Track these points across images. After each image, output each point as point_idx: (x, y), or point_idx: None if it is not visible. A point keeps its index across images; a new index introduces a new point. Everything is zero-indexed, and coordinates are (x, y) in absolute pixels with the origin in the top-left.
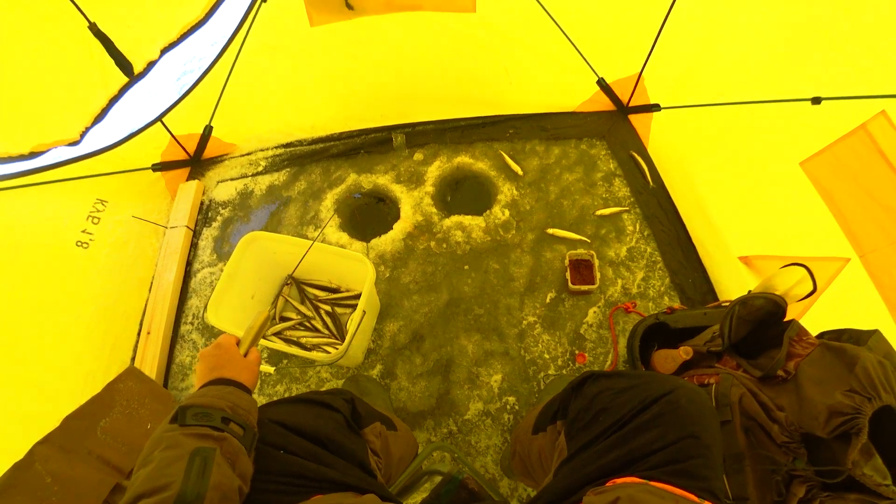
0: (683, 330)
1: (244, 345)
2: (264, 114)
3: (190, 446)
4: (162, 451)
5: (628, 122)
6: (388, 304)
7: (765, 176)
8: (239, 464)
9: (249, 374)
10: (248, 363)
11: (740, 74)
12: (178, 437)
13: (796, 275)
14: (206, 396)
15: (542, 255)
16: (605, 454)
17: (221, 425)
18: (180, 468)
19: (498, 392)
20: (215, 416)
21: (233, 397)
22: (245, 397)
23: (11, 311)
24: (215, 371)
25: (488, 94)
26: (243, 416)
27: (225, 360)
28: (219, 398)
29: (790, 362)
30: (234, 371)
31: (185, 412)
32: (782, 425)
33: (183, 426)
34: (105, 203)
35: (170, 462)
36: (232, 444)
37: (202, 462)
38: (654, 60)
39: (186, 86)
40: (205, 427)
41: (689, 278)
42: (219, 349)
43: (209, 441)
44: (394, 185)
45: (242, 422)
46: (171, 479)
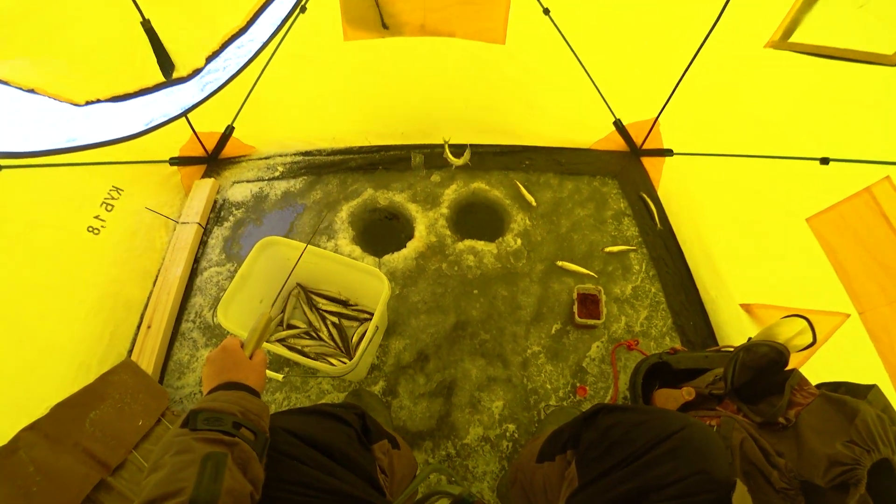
0: (684, 371)
1: (249, 347)
2: (287, 120)
3: (201, 451)
4: (173, 455)
5: (640, 163)
6: (395, 322)
7: (771, 228)
8: (250, 469)
9: (257, 376)
10: (254, 365)
11: (754, 128)
12: (190, 441)
13: (797, 326)
14: (216, 401)
15: (550, 287)
16: (617, 486)
17: (233, 430)
18: (192, 473)
19: (498, 418)
20: (226, 421)
21: (244, 402)
22: (256, 402)
23: (15, 288)
24: (223, 374)
25: (508, 123)
26: (254, 422)
27: (231, 364)
28: (230, 403)
29: (791, 410)
30: (241, 374)
31: (197, 416)
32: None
33: (194, 430)
34: (120, 191)
35: (182, 467)
36: (243, 450)
37: (214, 467)
38: (671, 107)
39: (210, 85)
40: (216, 432)
41: (691, 321)
42: (224, 352)
43: (220, 446)
44: (409, 204)
45: (254, 427)
46: (183, 485)
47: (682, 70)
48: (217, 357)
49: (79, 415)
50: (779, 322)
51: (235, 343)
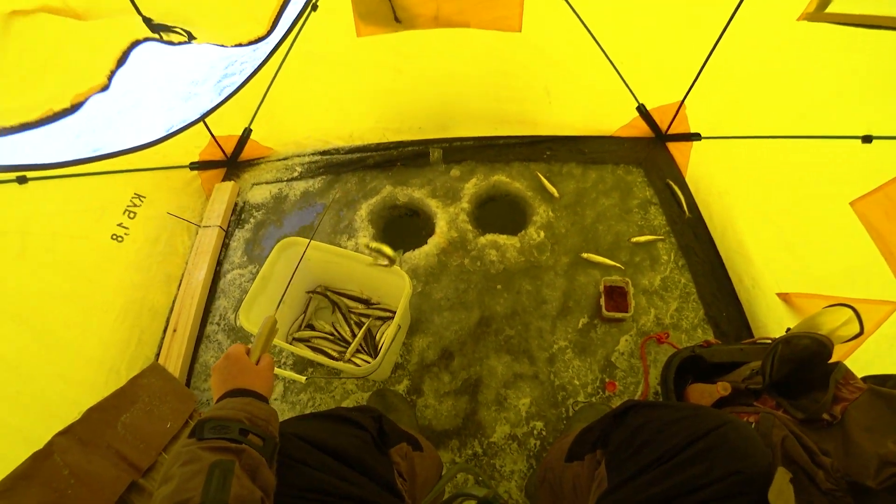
0: (719, 365)
1: (255, 353)
2: (303, 120)
3: (208, 460)
4: (181, 466)
5: (667, 150)
6: (418, 320)
7: (810, 213)
8: (260, 475)
9: (263, 381)
10: (260, 370)
11: (788, 108)
12: (197, 451)
13: (842, 316)
14: (223, 409)
15: (576, 280)
16: (649, 487)
17: (239, 437)
18: (200, 482)
19: (525, 416)
20: (233, 429)
21: (250, 408)
22: (263, 407)
23: (44, 298)
24: (229, 382)
25: (528, 113)
26: (262, 427)
27: (237, 371)
28: (236, 410)
29: (836, 406)
30: (247, 380)
31: (203, 426)
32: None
33: (201, 440)
34: (143, 198)
35: (189, 477)
36: (251, 456)
37: (221, 475)
38: (697, 89)
39: (227, 89)
40: (222, 440)
41: (724, 312)
42: (229, 360)
43: (228, 454)
44: (429, 200)
45: (261, 433)
46: (190, 494)
47: (709, 49)
48: (222, 366)
49: (110, 418)
50: (822, 312)
51: (240, 350)
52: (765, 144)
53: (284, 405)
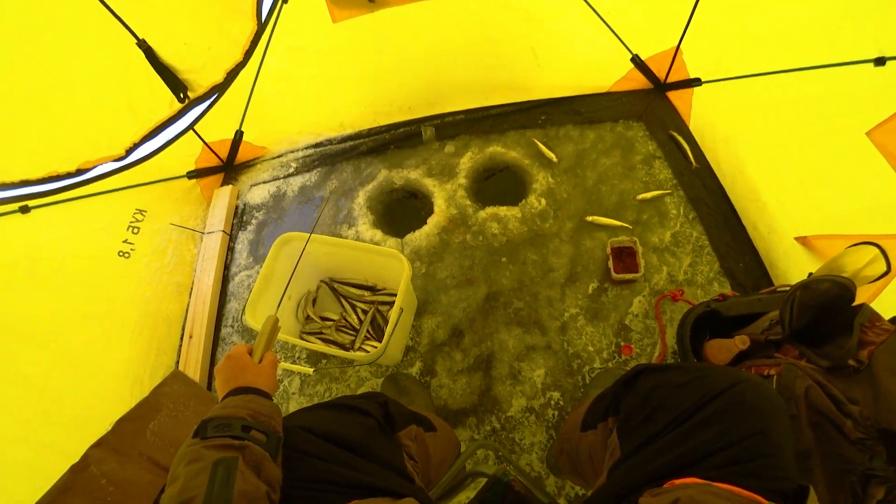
0: (737, 318)
1: (257, 352)
2: (293, 115)
3: (212, 458)
4: (185, 466)
5: (667, 99)
6: (425, 301)
7: (824, 148)
8: (264, 470)
9: (266, 378)
10: (262, 369)
11: (791, 38)
12: (200, 450)
13: (867, 254)
14: (225, 408)
15: (582, 244)
16: (663, 454)
17: (242, 434)
18: (203, 480)
19: (541, 387)
20: (235, 426)
21: (252, 405)
22: (265, 403)
23: (61, 322)
24: (231, 382)
25: (518, 79)
26: (265, 423)
27: (238, 370)
28: (238, 407)
29: (862, 351)
30: (249, 378)
31: (207, 425)
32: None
33: (204, 439)
34: (144, 213)
35: (194, 475)
36: (254, 451)
37: (225, 471)
38: (693, 31)
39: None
40: (225, 437)
41: (740, 262)
42: (230, 360)
43: (230, 451)
44: (426, 179)
45: (264, 428)
46: (195, 493)
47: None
48: (224, 366)
49: (139, 427)
50: (845, 252)
51: (240, 350)
52: (770, 81)
53: (303, 398)
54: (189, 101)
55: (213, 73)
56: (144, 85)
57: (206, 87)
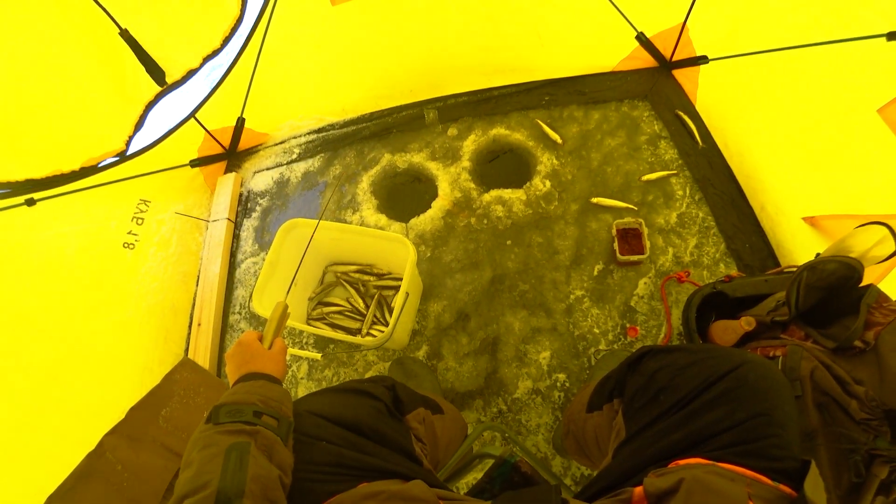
0: (743, 299)
1: (267, 338)
2: (294, 100)
3: (225, 443)
4: (199, 451)
5: (672, 78)
6: (430, 284)
7: (834, 127)
8: (276, 454)
9: (276, 364)
10: (272, 354)
11: (800, 13)
12: (213, 435)
13: (875, 234)
14: (237, 394)
15: (588, 226)
16: (668, 435)
17: (254, 419)
18: (217, 465)
19: (547, 369)
20: (247, 411)
21: (262, 390)
22: (275, 388)
23: (70, 314)
24: (242, 368)
25: (520, 59)
26: (275, 408)
27: (249, 356)
28: (249, 393)
29: (869, 332)
30: (259, 364)
31: (219, 411)
32: (862, 400)
33: (217, 424)
34: (148, 203)
35: (208, 460)
36: (266, 436)
37: (238, 456)
38: (699, 6)
39: (215, 80)
40: (237, 423)
41: (747, 243)
42: (241, 346)
43: (243, 436)
44: (429, 163)
45: (275, 413)
46: (209, 477)
47: None
48: (234, 353)
49: (151, 414)
50: (853, 233)
51: (251, 336)
52: (778, 58)
53: (311, 383)
54: (167, 85)
55: (190, 60)
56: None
57: (183, 73)
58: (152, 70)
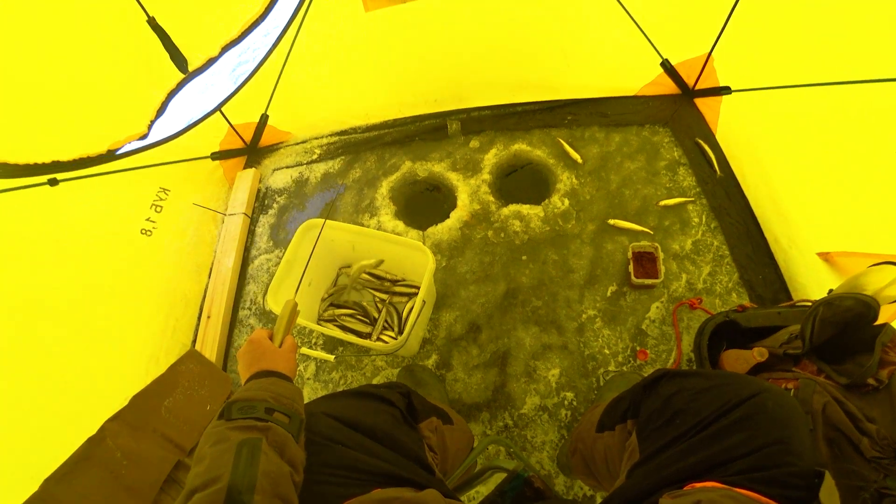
0: (755, 330)
1: (277, 336)
2: (319, 102)
3: (236, 439)
4: (211, 446)
5: (694, 106)
6: (444, 294)
7: (853, 165)
8: (287, 451)
9: (286, 362)
10: (283, 352)
11: (826, 51)
12: (225, 431)
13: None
14: (249, 391)
15: (603, 247)
16: (684, 458)
17: (265, 416)
18: (229, 460)
19: (556, 387)
20: (259, 408)
21: (274, 387)
22: (287, 386)
23: (83, 295)
24: (253, 366)
25: (545, 78)
26: (287, 405)
27: (259, 354)
28: (261, 390)
29: (883, 370)
30: (269, 362)
31: (231, 407)
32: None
33: (229, 420)
34: (167, 192)
35: (219, 455)
36: (277, 433)
37: (249, 452)
38: (726, 39)
39: (241, 76)
40: (249, 419)
41: (760, 274)
42: (252, 345)
43: (254, 432)
44: (450, 173)
45: (287, 410)
46: (221, 472)
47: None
48: (246, 351)
49: (154, 404)
50: (866, 271)
51: (261, 334)
52: (801, 93)
53: (317, 384)
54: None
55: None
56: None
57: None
58: (176, 57)
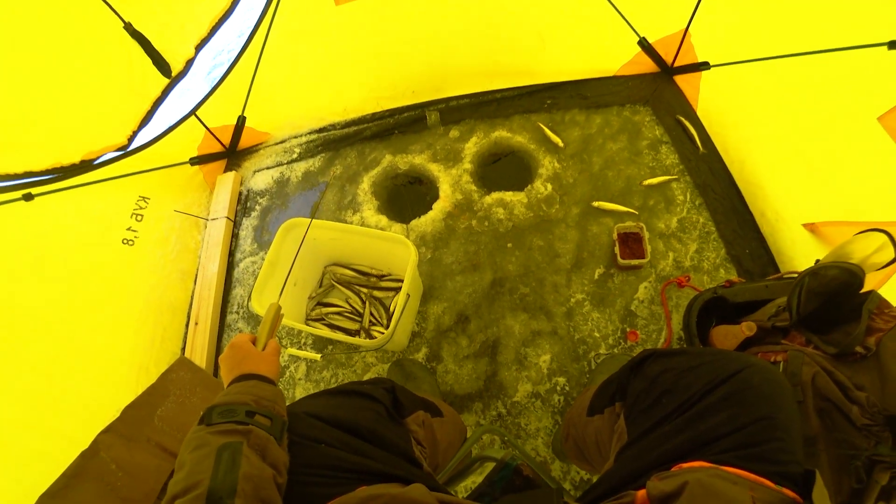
0: (743, 304)
1: (260, 339)
2: (296, 100)
3: (217, 443)
4: (191, 452)
5: (674, 83)
6: (430, 286)
7: (834, 134)
8: (269, 454)
9: (269, 365)
10: (265, 356)
11: (802, 21)
12: (205, 436)
13: (875, 241)
14: (229, 395)
15: (589, 230)
16: (671, 438)
17: (246, 419)
18: (209, 465)
19: (547, 373)
20: (239, 411)
21: (255, 390)
22: (268, 388)
23: (67, 310)
24: (235, 370)
25: (523, 62)
26: (268, 407)
27: (241, 358)
28: (242, 393)
29: (870, 338)
30: (252, 365)
31: (211, 412)
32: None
33: (209, 425)
34: (147, 200)
35: (199, 461)
36: (259, 436)
37: (230, 456)
38: (702, 13)
39: (217, 78)
40: (230, 423)
41: (747, 249)
42: (233, 349)
43: (235, 436)
44: (431, 165)
45: (268, 412)
46: (201, 477)
47: None
48: (228, 356)
49: (147, 414)
50: (852, 239)
51: (243, 338)
52: (780, 65)
53: (309, 384)
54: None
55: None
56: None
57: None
58: (158, 62)
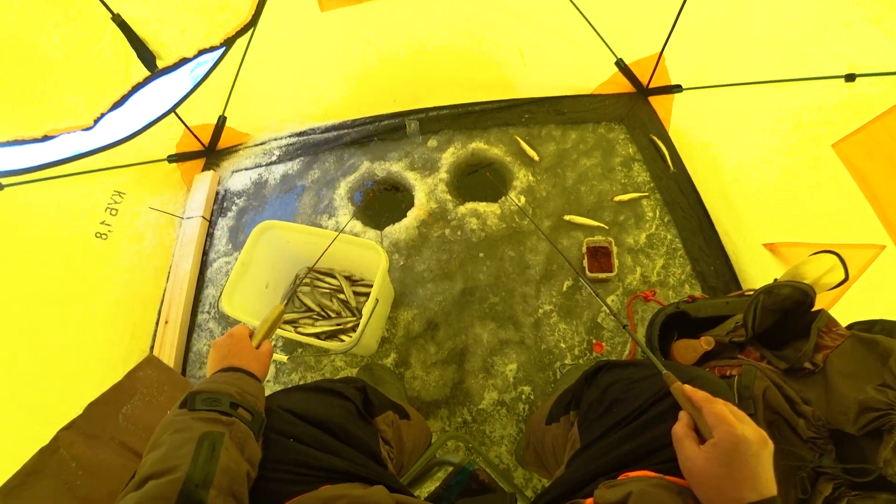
0: (705, 319)
1: (257, 337)
2: (277, 103)
3: (199, 430)
4: (171, 434)
5: (648, 104)
6: (401, 293)
7: (794, 159)
8: (247, 448)
9: (259, 364)
10: (259, 354)
11: (768, 51)
12: (188, 420)
13: (827, 262)
14: (215, 382)
15: (559, 243)
16: (618, 446)
17: (230, 410)
18: (189, 451)
19: (513, 381)
20: (224, 402)
21: (241, 383)
22: (253, 384)
23: (34, 302)
24: (226, 360)
25: (503, 77)
26: (251, 402)
27: (236, 350)
28: (228, 384)
29: (818, 354)
30: (244, 360)
31: (195, 397)
32: (809, 420)
33: (192, 410)
34: (123, 195)
35: (179, 445)
36: (240, 429)
37: (210, 445)
38: (676, 38)
39: (199, 76)
40: (214, 412)
41: (712, 266)
42: (231, 339)
43: (218, 425)
44: (408, 173)
45: (250, 407)
46: (179, 462)
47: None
48: (223, 342)
49: (111, 411)
50: (806, 260)
51: (243, 331)
52: (747, 91)
53: (277, 386)
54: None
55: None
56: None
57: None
58: (142, 54)
